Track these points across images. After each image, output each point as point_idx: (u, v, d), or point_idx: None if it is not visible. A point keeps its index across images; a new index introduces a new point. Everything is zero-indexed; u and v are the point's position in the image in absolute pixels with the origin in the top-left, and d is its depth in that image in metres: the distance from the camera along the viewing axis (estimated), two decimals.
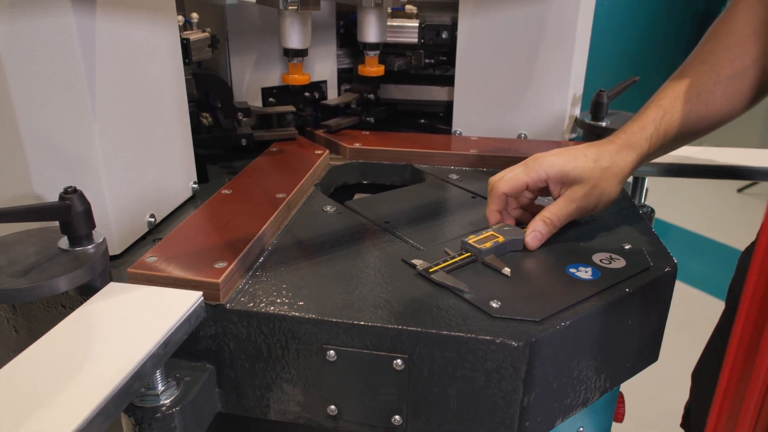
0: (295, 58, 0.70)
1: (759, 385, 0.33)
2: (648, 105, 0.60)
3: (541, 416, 0.46)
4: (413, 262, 0.51)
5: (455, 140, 0.83)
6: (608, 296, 0.48)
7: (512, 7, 0.80)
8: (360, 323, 0.44)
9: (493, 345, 0.43)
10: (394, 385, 0.45)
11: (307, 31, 0.69)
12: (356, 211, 0.64)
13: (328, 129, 0.84)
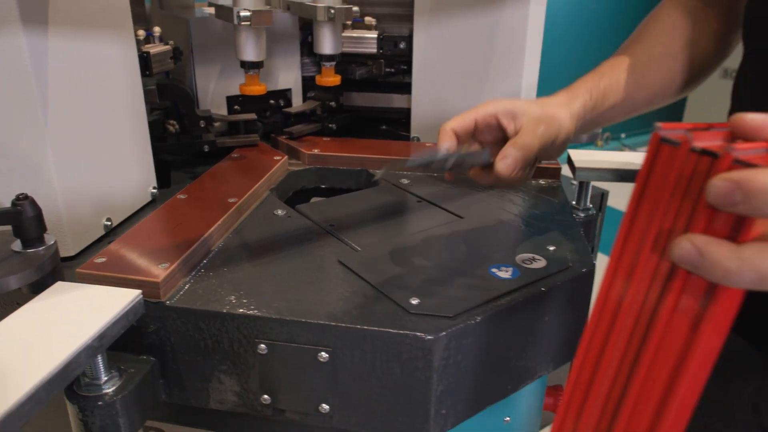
0: (251, 70, 0.74)
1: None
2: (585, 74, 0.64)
3: (456, 406, 0.50)
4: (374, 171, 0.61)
5: (410, 147, 0.87)
6: (523, 294, 0.51)
7: (464, 20, 0.84)
8: (287, 319, 0.48)
9: (407, 338, 0.46)
10: (320, 377, 0.49)
11: (262, 44, 0.73)
12: (305, 214, 0.67)
13: (290, 135, 0.87)
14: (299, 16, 0.84)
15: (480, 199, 0.72)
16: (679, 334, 0.31)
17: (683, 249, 0.28)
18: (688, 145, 0.28)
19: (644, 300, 0.32)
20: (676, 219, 0.30)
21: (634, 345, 0.33)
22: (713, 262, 0.27)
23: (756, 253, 0.27)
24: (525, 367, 0.54)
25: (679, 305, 0.31)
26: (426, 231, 0.63)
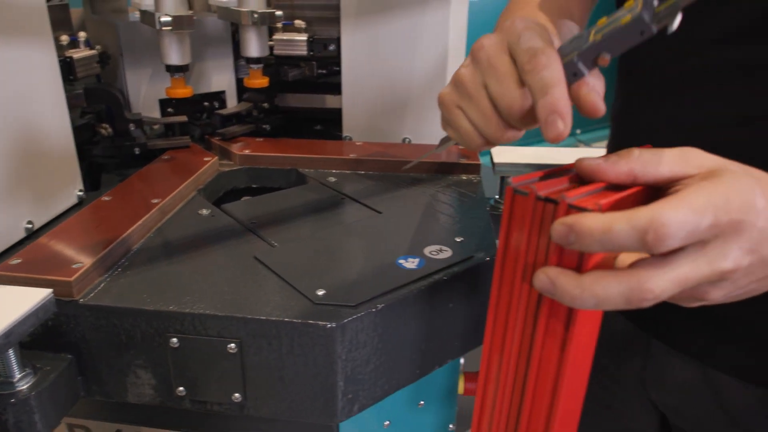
0: (176, 74, 0.76)
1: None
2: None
3: (363, 390, 0.53)
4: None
5: (339, 146, 0.89)
6: (427, 283, 0.55)
7: (388, 22, 0.87)
8: (196, 312, 0.50)
9: (310, 327, 0.49)
10: (230, 367, 0.51)
11: (186, 48, 0.74)
12: (229, 213, 0.69)
13: (222, 136, 0.89)
14: (225, 20, 0.86)
15: (401, 195, 0.75)
16: (553, 352, 0.38)
17: (539, 280, 0.34)
18: (534, 195, 0.35)
19: (524, 323, 0.39)
20: (537, 254, 0.36)
21: (523, 363, 0.40)
22: (562, 291, 0.33)
23: (593, 281, 0.32)
24: (432, 353, 0.58)
25: (549, 328, 0.37)
26: (343, 226, 0.66)
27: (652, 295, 0.31)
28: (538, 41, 0.38)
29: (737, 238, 0.32)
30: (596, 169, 0.35)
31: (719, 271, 0.32)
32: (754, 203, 0.32)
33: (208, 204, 0.72)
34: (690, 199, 0.31)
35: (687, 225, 0.30)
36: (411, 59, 0.88)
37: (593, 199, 0.33)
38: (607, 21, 0.37)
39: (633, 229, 0.30)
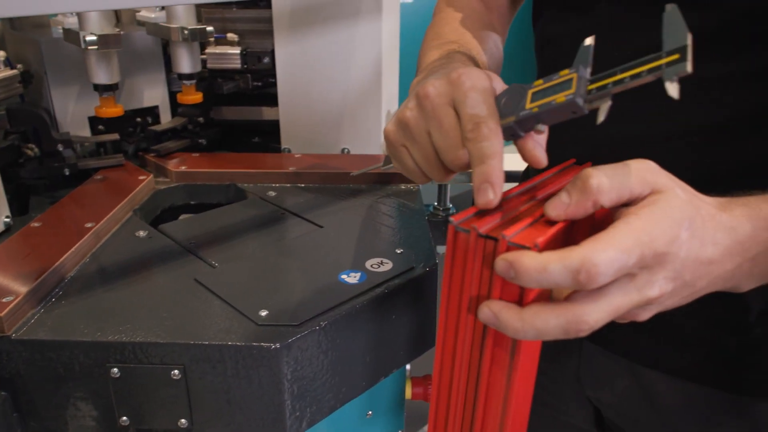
0: (105, 93, 0.74)
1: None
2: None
3: (311, 407, 0.53)
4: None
5: (278, 158, 0.89)
6: (368, 297, 0.56)
7: (321, 34, 0.87)
8: (136, 341, 0.49)
9: (254, 350, 0.49)
10: (175, 394, 0.51)
11: (114, 66, 0.73)
12: (167, 234, 0.68)
13: (157, 153, 0.88)
14: (154, 36, 0.84)
15: (342, 207, 0.76)
16: (500, 378, 0.40)
17: (484, 314, 0.37)
18: (476, 233, 0.37)
19: (471, 351, 0.41)
20: (480, 286, 0.38)
21: (471, 389, 0.42)
22: (505, 324, 0.35)
23: (533, 315, 0.35)
24: (378, 364, 0.59)
25: (495, 355, 0.39)
26: (285, 242, 0.66)
27: (588, 326, 0.34)
28: (482, 108, 0.40)
29: (662, 269, 0.35)
30: (566, 214, 0.37)
31: (647, 299, 0.35)
32: (678, 235, 0.35)
33: (145, 225, 0.71)
34: (619, 239, 0.33)
35: (616, 264, 0.33)
36: (346, 69, 0.89)
37: (531, 235, 0.36)
38: (543, 86, 0.40)
39: (566, 269, 0.33)
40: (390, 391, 0.68)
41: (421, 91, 0.43)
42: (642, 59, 0.34)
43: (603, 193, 0.36)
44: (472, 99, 0.40)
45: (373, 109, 0.91)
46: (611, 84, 0.36)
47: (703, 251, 0.36)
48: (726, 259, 0.37)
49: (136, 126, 0.91)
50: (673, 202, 0.36)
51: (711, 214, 0.37)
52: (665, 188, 0.36)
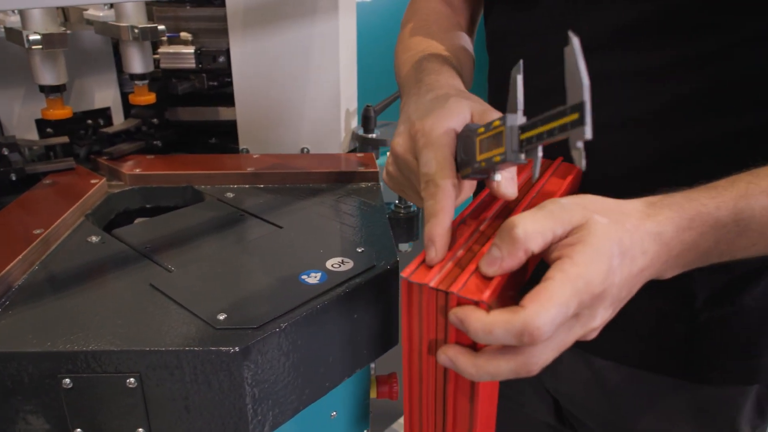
0: (51, 94, 0.71)
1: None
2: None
3: (273, 410, 0.53)
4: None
5: (236, 159, 0.88)
6: (329, 297, 0.55)
7: (277, 33, 0.86)
8: (88, 350, 0.47)
9: (212, 354, 0.48)
10: (132, 403, 0.49)
11: (60, 67, 0.70)
12: (121, 239, 0.66)
13: (110, 156, 0.85)
14: (103, 35, 0.82)
15: (302, 207, 0.75)
16: (465, 404, 0.43)
17: (441, 359, 0.39)
18: (427, 288, 0.40)
19: (435, 384, 0.44)
20: (437, 332, 0.41)
21: (440, 416, 0.45)
22: (461, 369, 0.38)
23: (486, 361, 0.37)
24: (341, 364, 0.58)
25: (458, 386, 0.42)
26: (244, 244, 0.65)
27: (537, 367, 0.37)
28: (431, 165, 0.43)
29: (601, 303, 0.37)
30: (501, 269, 0.39)
31: (591, 329, 0.38)
32: (611, 266, 0.37)
33: (98, 230, 0.68)
34: (556, 295, 0.35)
35: (557, 320, 0.35)
36: (304, 68, 0.88)
37: (479, 286, 0.38)
38: (485, 135, 0.41)
39: (509, 333, 0.35)
40: (354, 391, 0.67)
41: (392, 150, 0.48)
42: (553, 113, 0.35)
43: (530, 240, 0.37)
44: (424, 157, 0.43)
45: (333, 108, 0.91)
46: (535, 138, 0.37)
47: (634, 265, 0.38)
48: (655, 262, 0.40)
49: (87, 128, 0.88)
50: (598, 232, 0.37)
51: (636, 226, 0.39)
52: (584, 220, 0.38)
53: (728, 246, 0.42)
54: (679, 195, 0.42)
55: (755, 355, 0.57)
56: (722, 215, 0.40)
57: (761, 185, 0.41)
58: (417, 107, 0.48)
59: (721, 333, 0.56)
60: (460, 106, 0.45)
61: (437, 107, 0.46)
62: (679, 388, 0.58)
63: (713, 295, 0.54)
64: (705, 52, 0.48)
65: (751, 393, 0.58)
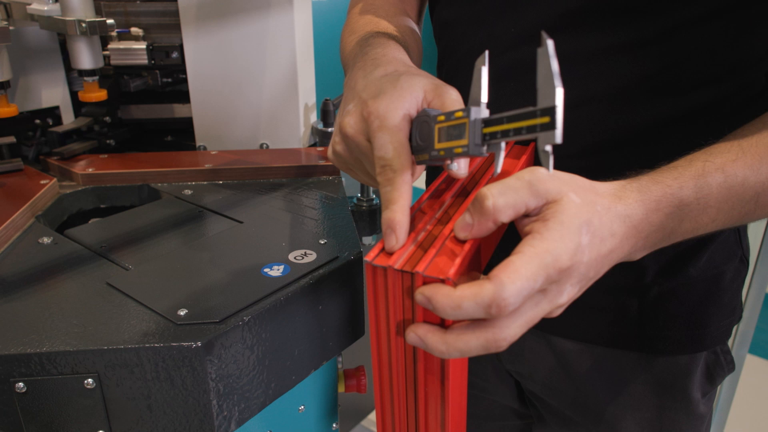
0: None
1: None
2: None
3: (239, 405, 0.52)
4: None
5: (194, 156, 0.86)
6: (293, 289, 0.55)
7: (232, 27, 0.85)
8: (42, 351, 0.46)
9: (173, 350, 0.47)
10: (90, 404, 0.48)
11: (3, 63, 0.68)
12: (75, 239, 0.64)
13: (61, 156, 0.82)
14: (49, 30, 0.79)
15: (262, 202, 0.74)
16: (435, 385, 0.42)
17: (410, 338, 0.39)
18: (392, 270, 0.39)
19: (405, 366, 0.43)
20: (405, 313, 0.40)
21: (411, 398, 0.45)
22: (430, 347, 0.38)
23: (455, 337, 0.37)
24: (307, 357, 0.58)
25: (428, 367, 0.42)
26: (203, 240, 0.64)
27: (506, 342, 0.37)
28: (388, 149, 0.42)
29: (569, 279, 0.38)
30: (472, 235, 0.39)
31: (558, 305, 0.39)
32: (579, 244, 0.37)
33: (50, 231, 0.66)
34: (523, 268, 0.35)
35: (523, 292, 0.35)
36: (260, 63, 0.87)
37: (443, 264, 0.38)
38: (445, 124, 0.41)
39: (478, 306, 0.35)
40: (322, 385, 0.67)
41: (342, 130, 0.46)
42: (522, 112, 0.35)
43: (499, 212, 0.38)
44: (379, 140, 0.42)
45: (291, 103, 0.90)
46: (500, 134, 0.37)
47: (603, 246, 0.39)
48: (624, 244, 0.41)
49: (36, 128, 0.85)
50: (570, 210, 0.38)
51: (606, 207, 0.40)
52: (559, 196, 0.38)
53: (692, 224, 0.43)
54: (645, 177, 0.43)
55: (702, 324, 0.59)
56: (685, 194, 0.42)
57: (716, 162, 0.43)
58: (366, 84, 0.46)
59: (671, 305, 0.58)
60: (412, 84, 0.44)
61: (389, 87, 0.44)
62: (636, 361, 0.60)
63: (662, 269, 0.56)
64: (648, 35, 0.49)
65: (701, 360, 0.60)
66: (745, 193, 0.43)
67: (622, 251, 0.41)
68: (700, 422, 0.63)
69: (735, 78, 0.51)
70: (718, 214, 0.43)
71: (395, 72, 0.47)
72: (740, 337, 1.16)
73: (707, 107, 0.51)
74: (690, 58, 0.50)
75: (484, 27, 0.57)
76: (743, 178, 0.43)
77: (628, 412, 0.61)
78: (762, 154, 0.43)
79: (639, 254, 0.43)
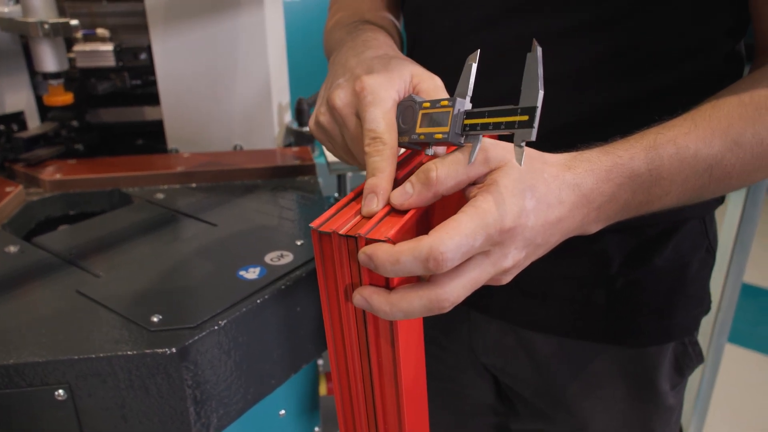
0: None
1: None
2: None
3: (218, 411, 0.50)
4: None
5: (166, 159, 0.84)
6: (269, 291, 0.54)
7: (202, 27, 0.83)
8: (9, 363, 0.44)
9: (147, 357, 0.46)
10: (62, 417, 0.46)
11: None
12: (43, 247, 0.62)
13: (27, 162, 0.80)
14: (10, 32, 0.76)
15: (237, 204, 0.73)
16: (387, 349, 0.42)
17: (357, 300, 0.39)
18: (336, 235, 0.40)
19: (357, 331, 0.43)
20: (352, 276, 0.41)
21: (366, 364, 0.44)
22: (375, 308, 0.38)
23: (399, 298, 0.37)
24: (287, 360, 0.57)
25: (378, 331, 0.42)
26: (176, 244, 0.62)
27: (449, 303, 0.37)
28: (379, 123, 0.42)
29: (512, 242, 0.37)
30: (408, 204, 0.40)
31: (502, 269, 0.38)
32: (523, 207, 0.37)
33: (17, 239, 0.64)
34: (463, 225, 0.35)
35: (462, 248, 0.35)
36: (231, 62, 0.86)
37: (385, 229, 0.39)
38: (430, 111, 0.42)
39: (416, 259, 0.35)
40: (302, 388, 0.66)
41: (330, 101, 0.46)
42: (503, 109, 0.36)
43: (441, 184, 0.38)
44: (372, 114, 0.42)
45: (264, 103, 0.88)
46: (479, 126, 0.38)
47: (550, 213, 0.39)
48: (574, 213, 0.40)
49: (0, 134, 0.83)
50: (512, 174, 0.38)
51: (554, 175, 0.40)
52: (502, 163, 0.38)
53: (645, 196, 0.43)
54: (596, 150, 0.43)
55: (668, 315, 0.59)
56: (636, 165, 0.42)
57: (668, 135, 0.43)
58: (359, 62, 0.47)
59: (637, 296, 0.58)
60: (402, 68, 0.45)
61: (380, 67, 0.45)
62: (603, 353, 0.60)
63: (627, 260, 0.57)
64: (606, 16, 0.50)
65: (668, 351, 0.61)
66: (698, 165, 0.43)
67: (573, 221, 0.41)
68: (669, 414, 0.63)
69: (693, 60, 0.52)
70: (671, 186, 0.43)
71: (386, 55, 0.48)
72: (719, 326, 1.17)
73: (666, 90, 0.52)
74: (648, 40, 0.50)
75: (451, 13, 0.57)
76: (695, 150, 0.43)
77: (597, 404, 0.62)
78: (714, 128, 0.44)
79: (593, 227, 0.43)
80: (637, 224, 0.48)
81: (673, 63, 0.51)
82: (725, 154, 0.44)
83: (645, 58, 0.51)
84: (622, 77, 0.52)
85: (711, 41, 0.52)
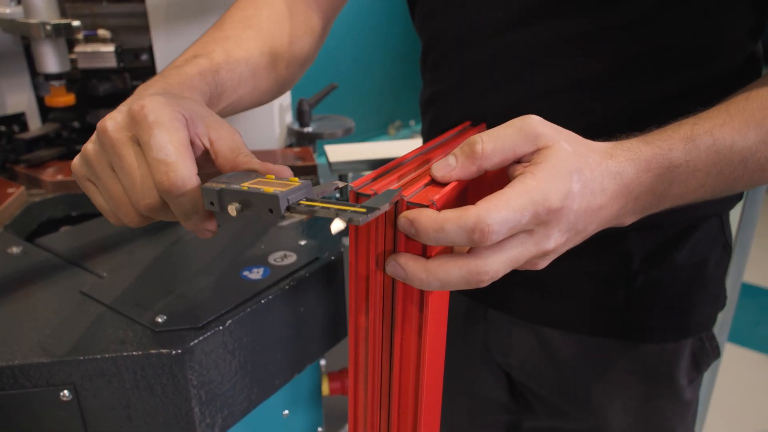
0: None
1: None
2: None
3: (222, 411, 0.51)
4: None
5: None
6: (274, 291, 0.54)
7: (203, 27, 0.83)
8: (14, 364, 0.44)
9: (152, 358, 0.46)
10: (67, 417, 0.46)
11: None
12: (46, 248, 0.62)
13: (28, 163, 0.80)
14: (12, 33, 0.76)
15: None
16: (412, 334, 0.40)
17: (391, 266, 0.37)
18: (375, 195, 0.37)
19: (383, 309, 0.41)
20: (386, 244, 0.38)
21: (387, 348, 0.42)
22: (411, 275, 0.36)
23: (437, 266, 0.35)
24: (291, 360, 0.57)
25: (405, 313, 0.40)
26: (180, 244, 0.62)
27: (488, 277, 0.35)
28: (169, 150, 0.36)
29: (557, 223, 0.36)
30: (450, 176, 0.38)
31: (544, 251, 0.37)
32: (570, 189, 0.36)
33: (19, 240, 0.64)
34: (512, 200, 0.34)
35: (509, 223, 0.34)
36: None
37: (428, 194, 0.37)
38: (275, 182, 0.40)
39: (461, 229, 0.33)
40: (306, 388, 0.66)
41: (100, 125, 0.39)
42: (337, 205, 0.35)
43: (486, 158, 0.37)
44: (158, 139, 0.36)
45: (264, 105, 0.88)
46: (305, 208, 0.36)
47: (593, 199, 0.38)
48: (614, 202, 0.40)
49: (1, 135, 0.83)
50: (560, 155, 0.37)
51: (598, 162, 0.39)
52: (551, 142, 0.38)
53: (681, 188, 0.43)
54: (636, 139, 0.42)
55: (687, 311, 0.59)
56: (674, 156, 0.41)
57: (704, 126, 0.43)
58: (143, 90, 0.43)
59: (656, 293, 0.58)
60: (185, 99, 0.41)
61: (166, 95, 0.40)
62: (622, 349, 0.60)
63: (647, 257, 0.57)
64: (631, 17, 0.50)
65: (686, 347, 0.61)
66: (734, 157, 0.43)
67: (611, 210, 0.40)
68: (687, 409, 0.63)
69: (718, 60, 0.52)
70: (706, 178, 0.43)
71: (176, 91, 0.44)
72: (719, 325, 1.18)
73: (689, 91, 0.52)
74: (672, 41, 0.50)
75: (467, 13, 0.57)
76: (731, 142, 0.43)
77: (614, 400, 0.62)
78: (749, 119, 0.43)
79: (628, 218, 0.43)
80: (659, 223, 0.47)
81: (698, 62, 0.51)
82: (759, 146, 0.44)
83: (670, 59, 0.51)
84: (647, 79, 0.52)
85: (735, 41, 0.52)
